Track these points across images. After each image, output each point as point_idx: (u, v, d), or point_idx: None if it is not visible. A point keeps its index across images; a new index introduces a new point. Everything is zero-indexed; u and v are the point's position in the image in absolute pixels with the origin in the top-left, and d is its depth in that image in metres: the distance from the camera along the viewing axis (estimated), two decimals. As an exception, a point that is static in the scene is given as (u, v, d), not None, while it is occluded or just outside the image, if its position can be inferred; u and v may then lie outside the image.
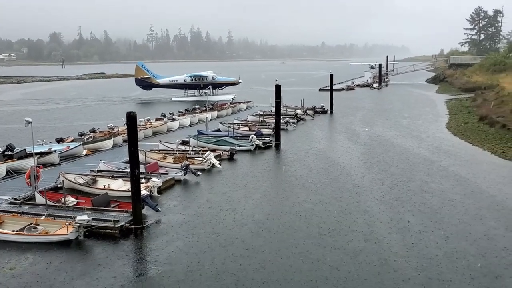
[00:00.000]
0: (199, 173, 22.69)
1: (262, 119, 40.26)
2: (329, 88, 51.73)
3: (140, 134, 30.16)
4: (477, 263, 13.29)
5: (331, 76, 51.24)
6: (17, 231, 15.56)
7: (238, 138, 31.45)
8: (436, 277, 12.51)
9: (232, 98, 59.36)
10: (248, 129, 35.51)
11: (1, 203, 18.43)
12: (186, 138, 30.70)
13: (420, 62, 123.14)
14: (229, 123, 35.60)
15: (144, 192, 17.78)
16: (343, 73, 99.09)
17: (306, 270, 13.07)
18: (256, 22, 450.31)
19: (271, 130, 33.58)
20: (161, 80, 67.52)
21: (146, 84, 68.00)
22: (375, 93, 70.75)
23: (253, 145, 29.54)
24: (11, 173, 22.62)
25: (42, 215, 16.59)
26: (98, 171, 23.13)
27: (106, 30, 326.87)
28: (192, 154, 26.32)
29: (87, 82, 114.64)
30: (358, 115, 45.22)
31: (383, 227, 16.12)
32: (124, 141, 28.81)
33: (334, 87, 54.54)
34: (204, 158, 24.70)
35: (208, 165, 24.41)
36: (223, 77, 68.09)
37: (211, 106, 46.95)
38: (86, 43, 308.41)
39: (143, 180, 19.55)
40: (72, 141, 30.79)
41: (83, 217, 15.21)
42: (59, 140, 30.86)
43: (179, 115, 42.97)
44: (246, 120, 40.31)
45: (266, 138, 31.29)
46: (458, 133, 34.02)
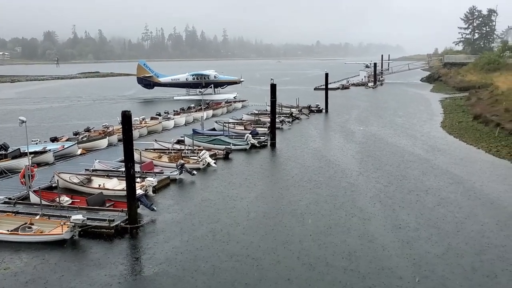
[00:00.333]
0: (195, 172, 22.68)
1: (258, 118, 40.24)
2: (324, 87, 51.77)
3: (135, 133, 30.08)
4: (471, 261, 13.37)
5: (326, 75, 51.29)
6: (12, 231, 15.50)
7: (234, 137, 31.42)
8: (430, 275, 12.57)
9: (234, 97, 59.30)
10: (244, 128, 35.50)
11: (-5, 203, 18.34)
12: (182, 137, 30.65)
13: (415, 61, 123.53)
14: (225, 122, 35.56)
15: (139, 191, 17.74)
16: (338, 72, 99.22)
17: (302, 268, 13.11)
18: (251, 21, 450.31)
19: (267, 129, 33.58)
20: (163, 79, 67.42)
21: (148, 83, 67.87)
22: (370, 92, 70.92)
23: (249, 144, 29.54)
24: (5, 173, 22.51)
25: (37, 215, 16.53)
26: (93, 171, 23.05)
27: (101, 29, 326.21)
28: (188, 153, 26.29)
29: (82, 81, 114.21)
30: (353, 114, 45.33)
31: (378, 225, 16.18)
32: (119, 140, 28.76)
33: (329, 86, 54.61)
34: (199, 157, 24.69)
35: (203, 164, 24.40)
36: (225, 76, 68.05)
37: (206, 105, 46.93)
38: (81, 42, 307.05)
39: (138, 179, 19.53)
40: (67, 140, 30.66)
41: (78, 217, 15.18)
42: (54, 139, 30.74)
43: (174, 114, 42.91)
44: (242, 119, 40.29)
45: (262, 137, 31.30)
46: (453, 132, 34.18)
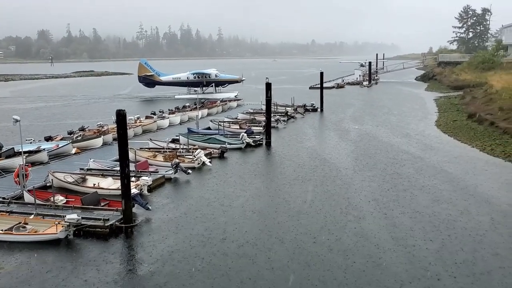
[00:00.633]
0: (190, 171, 22.63)
1: (253, 117, 40.20)
2: (319, 86, 51.83)
3: (130, 132, 30.02)
4: (465, 258, 13.44)
5: (321, 74, 51.32)
6: (6, 231, 15.42)
7: (229, 136, 31.40)
8: (424, 273, 12.62)
9: (235, 96, 59.25)
10: (239, 127, 35.48)
11: (-11, 202, 18.23)
12: (177, 136, 30.59)
13: (410, 60, 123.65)
14: (220, 121, 35.54)
15: (134, 191, 17.70)
16: (333, 71, 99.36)
17: (297, 267, 13.12)
18: (247, 20, 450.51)
19: (262, 128, 33.58)
20: (164, 78, 67.30)
21: (149, 82, 67.70)
22: (365, 91, 71.05)
23: (244, 143, 29.53)
24: (-1, 172, 22.42)
25: (31, 214, 16.45)
26: (88, 170, 22.99)
27: (95, 28, 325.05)
28: (183, 152, 26.25)
29: (76, 80, 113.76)
30: (348, 113, 45.40)
31: (373, 223, 16.23)
32: (114, 139, 28.65)
33: (324, 85, 54.62)
34: (195, 156, 24.65)
35: (199, 163, 24.36)
36: (226, 75, 67.98)
37: (202, 104, 46.87)
38: (75, 41, 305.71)
39: (133, 179, 19.45)
40: (61, 140, 30.54)
41: (73, 216, 15.12)
42: (48, 139, 30.63)
43: (169, 113, 42.81)
44: (237, 118, 40.28)
45: (257, 136, 31.27)
46: (447, 131, 34.30)
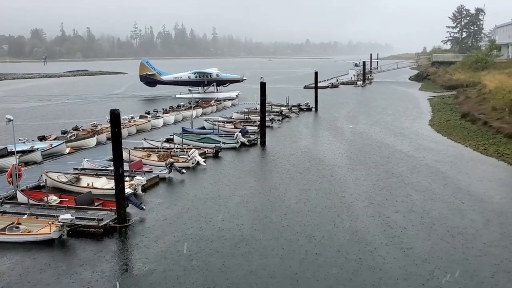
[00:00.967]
0: (184, 171, 22.60)
1: (247, 117, 40.22)
2: (314, 86, 51.91)
3: (124, 132, 29.91)
4: (458, 257, 13.52)
5: (316, 74, 51.39)
6: (-1, 231, 15.34)
7: (223, 136, 31.37)
8: (417, 271, 12.68)
9: (237, 96, 59.21)
10: (233, 127, 35.48)
11: (-18, 203, 18.11)
12: (171, 136, 30.55)
13: (404, 60, 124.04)
14: (214, 121, 35.51)
15: (128, 190, 17.67)
16: (328, 71, 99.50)
17: (292, 265, 13.15)
18: (241, 20, 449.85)
19: (256, 128, 33.58)
20: (165, 77, 67.19)
21: (151, 81, 67.59)
22: (359, 91, 71.22)
23: (238, 143, 29.52)
24: (-8, 172, 22.27)
25: (24, 214, 16.38)
26: (82, 170, 22.91)
27: (89, 27, 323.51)
28: (177, 152, 26.21)
29: (70, 80, 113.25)
30: (343, 112, 45.49)
31: (367, 222, 16.29)
32: (108, 139, 28.55)
33: (319, 85, 54.68)
34: (189, 156, 24.62)
35: (193, 163, 24.34)
36: (228, 74, 67.95)
37: (196, 104, 46.81)
38: (69, 40, 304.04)
39: (127, 178, 19.42)
40: (55, 139, 30.42)
41: (67, 216, 15.07)
42: (42, 138, 30.50)
43: (164, 113, 42.72)
44: (231, 118, 40.25)
45: (251, 136, 31.27)
46: (441, 130, 34.44)
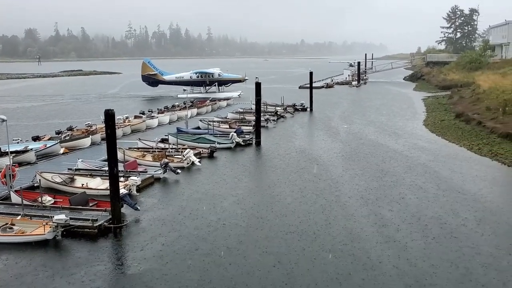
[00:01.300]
0: (179, 171, 22.56)
1: (242, 117, 40.21)
2: (309, 86, 51.99)
3: (119, 132, 29.82)
4: (451, 256, 13.60)
5: (311, 74, 51.48)
6: (-8, 232, 15.26)
7: (218, 136, 31.36)
8: (411, 269, 12.73)
9: (238, 96, 59.17)
10: (228, 127, 35.46)
11: (-24, 203, 18.02)
12: (166, 136, 30.50)
13: (398, 60, 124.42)
14: (209, 121, 35.48)
15: (123, 191, 17.61)
16: (323, 71, 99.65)
17: (288, 264, 13.17)
18: (236, 19, 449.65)
19: (252, 128, 33.59)
20: (167, 77, 67.14)
21: (153, 81, 67.51)
22: (354, 91, 71.37)
23: (233, 143, 29.51)
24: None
25: (18, 215, 16.29)
26: (76, 170, 22.80)
27: (84, 27, 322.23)
28: (172, 152, 26.16)
29: (64, 79, 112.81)
30: (338, 113, 45.58)
31: (361, 221, 16.34)
32: (103, 139, 28.49)
33: (314, 85, 54.82)
34: (184, 156, 24.58)
35: (188, 163, 24.31)
36: (229, 74, 67.96)
37: (191, 104, 46.75)
38: (63, 40, 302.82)
39: (122, 179, 19.36)
40: (49, 139, 30.27)
41: (61, 217, 15.01)
42: (36, 138, 30.34)
43: (158, 113, 42.64)
44: (226, 118, 40.23)
45: (247, 136, 31.28)
46: (435, 130, 34.57)
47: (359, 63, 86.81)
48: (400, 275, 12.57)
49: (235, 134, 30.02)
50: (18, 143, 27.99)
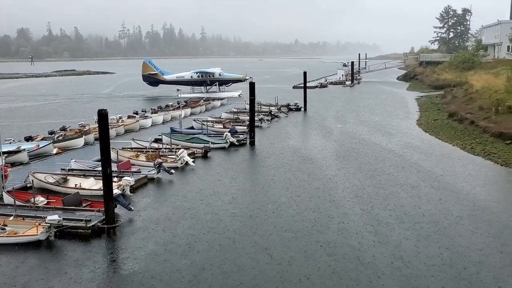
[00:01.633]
0: (173, 171, 22.50)
1: (236, 117, 40.19)
2: (303, 86, 52.06)
3: (112, 132, 29.70)
4: (444, 255, 13.65)
5: (305, 74, 51.56)
6: (-15, 233, 15.15)
7: (212, 136, 31.33)
8: (404, 267, 12.78)
9: (239, 95, 59.18)
10: (222, 127, 35.43)
11: (-32, 204, 17.88)
12: (159, 136, 30.42)
13: (392, 60, 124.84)
14: (203, 121, 35.42)
15: (117, 191, 17.55)
16: (316, 71, 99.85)
17: (281, 264, 13.18)
18: (230, 19, 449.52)
19: (246, 128, 33.58)
20: (168, 77, 67.01)
21: (153, 81, 67.37)
22: (348, 91, 71.55)
23: (227, 143, 29.48)
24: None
25: (11, 216, 16.19)
26: (69, 170, 22.69)
27: (77, 26, 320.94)
28: (165, 152, 26.10)
29: (57, 79, 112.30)
30: (331, 112, 45.67)
31: (355, 220, 16.38)
32: (96, 139, 28.37)
33: (308, 85, 54.90)
34: (178, 156, 24.53)
35: (182, 163, 24.25)
36: (230, 74, 67.95)
37: (185, 104, 46.68)
38: (56, 40, 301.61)
39: (115, 179, 19.28)
40: (42, 140, 30.12)
41: (54, 217, 14.93)
42: (28, 139, 30.17)
43: (152, 113, 42.54)
44: (220, 118, 40.19)
45: (241, 136, 31.27)
46: (428, 130, 34.71)
47: (353, 63, 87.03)
48: (394, 273, 12.60)
49: (229, 134, 29.99)
50: (11, 143, 27.82)
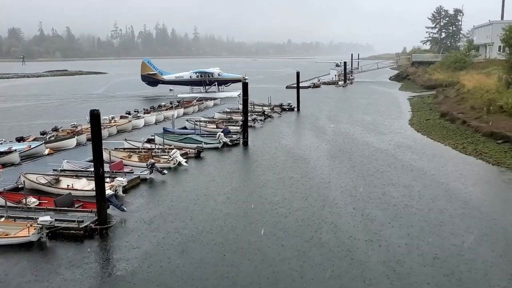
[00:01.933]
0: (165, 172, 22.46)
1: (230, 117, 40.18)
2: (296, 86, 52.13)
3: (105, 133, 29.61)
4: (435, 252, 13.75)
5: (298, 74, 51.62)
6: (-25, 234, 15.03)
7: (205, 136, 31.28)
8: (396, 266, 12.84)
9: (238, 95, 59.02)
10: (215, 127, 35.39)
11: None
12: (152, 136, 30.32)
13: (384, 60, 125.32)
14: (196, 121, 35.36)
15: (109, 192, 17.46)
16: (309, 71, 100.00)
17: (275, 263, 13.19)
18: (222, 19, 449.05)
19: (239, 128, 33.57)
20: (167, 77, 66.79)
21: (152, 80, 67.17)
22: (341, 91, 71.74)
23: (221, 143, 29.45)
24: (-31, 174, 21.81)
25: (2, 217, 16.06)
26: (61, 171, 22.57)
27: (69, 26, 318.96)
28: (158, 153, 26.03)
29: (49, 80, 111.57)
30: (324, 112, 45.77)
31: (348, 218, 16.45)
32: (88, 140, 28.21)
33: (301, 85, 54.95)
34: (170, 156, 24.47)
35: (174, 163, 24.20)
36: (229, 74, 67.86)
37: (177, 104, 46.58)
38: (48, 39, 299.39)
39: (108, 179, 19.23)
40: (34, 140, 29.93)
41: (46, 218, 14.84)
42: (20, 139, 29.97)
43: (144, 113, 42.42)
44: (213, 118, 40.14)
45: (234, 136, 31.25)
46: (421, 129, 34.88)
47: (346, 63, 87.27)
48: (386, 272, 12.65)
49: (222, 134, 29.96)
50: (2, 144, 27.67)
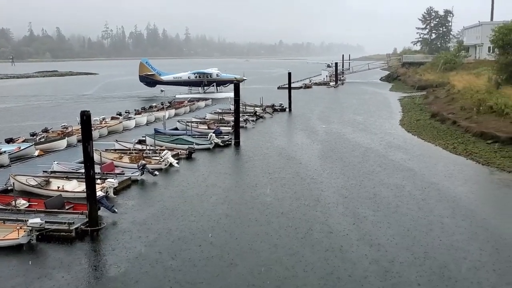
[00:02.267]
0: (156, 173, 22.38)
1: (221, 117, 40.12)
2: (288, 86, 52.20)
3: (95, 134, 29.44)
4: (426, 251, 13.85)
5: (289, 75, 51.70)
6: (-36, 237, 14.87)
7: (197, 137, 31.22)
8: (387, 265, 12.90)
9: None
10: (207, 127, 35.31)
11: None
12: (143, 137, 30.19)
13: (375, 61, 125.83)
14: (187, 122, 35.25)
15: (100, 193, 17.38)
16: (301, 72, 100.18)
17: (268, 263, 13.21)
18: (214, 19, 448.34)
19: (230, 128, 33.52)
20: (165, 77, 66.54)
21: (150, 81, 66.88)
22: (332, 91, 71.97)
23: (212, 144, 29.40)
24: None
25: (-9, 219, 15.93)
26: (52, 172, 22.42)
27: (59, 27, 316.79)
28: (149, 154, 25.92)
29: (39, 80, 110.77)
30: (316, 113, 45.87)
31: (339, 218, 16.54)
32: (79, 141, 28.04)
33: (292, 85, 54.99)
34: (161, 158, 24.39)
35: (166, 165, 24.11)
36: (228, 75, 67.77)
37: (169, 104, 46.44)
38: (38, 40, 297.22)
39: (99, 181, 19.12)
40: (23, 142, 29.72)
41: (36, 220, 14.74)
42: (9, 141, 29.71)
43: (136, 114, 42.24)
44: (205, 118, 40.06)
45: (225, 136, 31.20)
46: (411, 130, 35.07)
47: (337, 64, 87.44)
48: (377, 271, 12.70)
49: (214, 135, 29.92)
50: (-9, 146, 27.38)
